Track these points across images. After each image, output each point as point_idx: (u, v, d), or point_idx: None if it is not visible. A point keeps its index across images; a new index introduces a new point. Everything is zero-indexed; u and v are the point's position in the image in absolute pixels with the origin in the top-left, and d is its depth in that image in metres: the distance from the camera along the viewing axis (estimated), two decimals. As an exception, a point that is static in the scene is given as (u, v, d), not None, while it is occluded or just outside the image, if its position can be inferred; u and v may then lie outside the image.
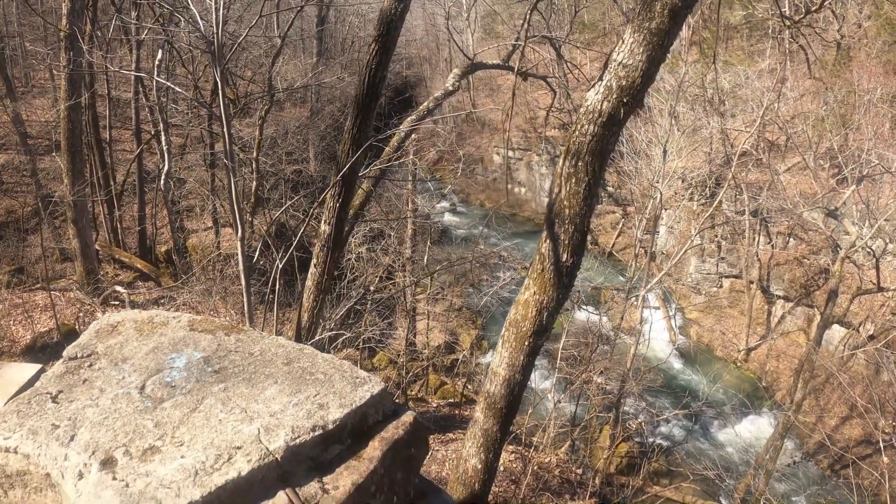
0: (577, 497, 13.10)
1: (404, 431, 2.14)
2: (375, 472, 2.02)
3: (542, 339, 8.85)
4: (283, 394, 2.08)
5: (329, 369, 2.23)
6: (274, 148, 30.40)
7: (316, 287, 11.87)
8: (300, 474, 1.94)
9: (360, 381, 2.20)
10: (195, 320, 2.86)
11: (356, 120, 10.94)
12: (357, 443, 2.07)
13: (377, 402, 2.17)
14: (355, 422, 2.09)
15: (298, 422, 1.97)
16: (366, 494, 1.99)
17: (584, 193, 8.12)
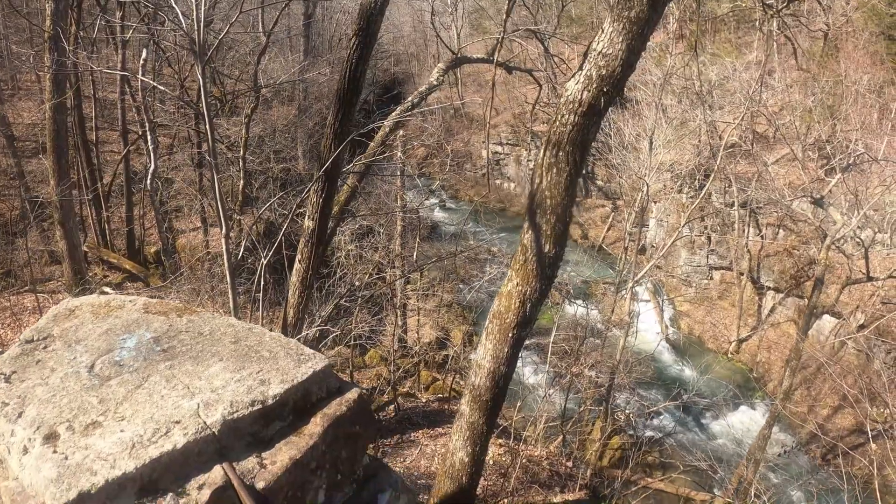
0: (567, 490, 13.08)
1: (348, 408, 2.10)
2: (316, 448, 1.98)
3: (525, 331, 8.82)
4: (227, 370, 2.05)
5: (275, 347, 2.19)
6: (262, 146, 30.29)
7: (301, 283, 11.83)
8: (239, 449, 1.91)
9: (304, 357, 2.16)
10: (150, 303, 2.82)
11: (338, 114, 10.90)
12: (299, 419, 2.03)
13: (321, 378, 2.13)
14: (297, 398, 2.05)
15: (238, 397, 1.94)
16: (305, 470, 1.95)
17: (565, 183, 8.10)
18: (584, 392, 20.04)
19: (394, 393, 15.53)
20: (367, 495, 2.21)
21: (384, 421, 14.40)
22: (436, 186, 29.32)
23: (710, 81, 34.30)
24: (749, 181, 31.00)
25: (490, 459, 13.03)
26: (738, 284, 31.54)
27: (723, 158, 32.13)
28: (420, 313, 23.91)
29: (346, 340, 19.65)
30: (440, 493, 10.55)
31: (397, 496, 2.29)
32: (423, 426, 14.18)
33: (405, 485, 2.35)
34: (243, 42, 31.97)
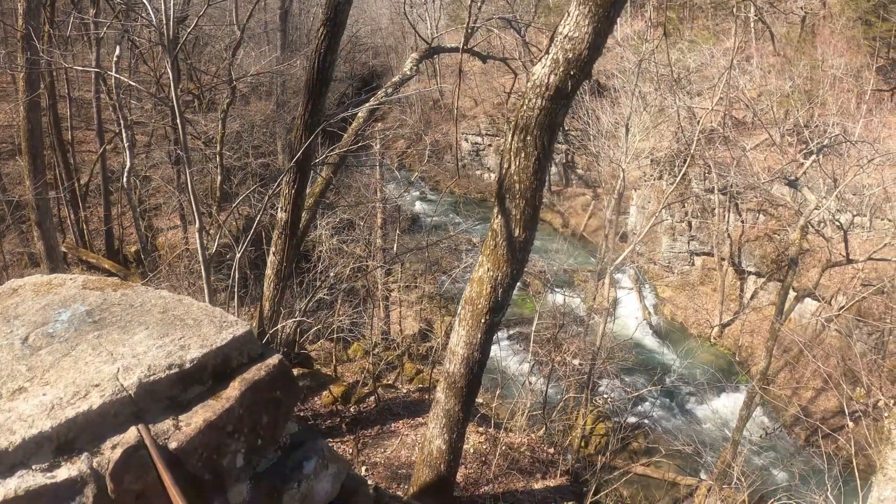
0: (548, 476, 13.08)
1: (266, 373, 2.08)
2: (232, 411, 1.96)
3: (498, 316, 8.81)
4: (151, 338, 2.04)
5: (200, 315, 2.17)
6: (240, 142, 30.17)
7: (276, 275, 11.80)
8: (156, 412, 1.90)
9: (226, 324, 2.14)
10: (89, 280, 2.82)
11: (307, 105, 10.86)
12: (219, 384, 2.02)
13: (241, 344, 2.11)
14: (217, 363, 2.03)
15: (156, 361, 1.93)
16: (221, 433, 1.93)
17: (533, 168, 8.08)
18: (566, 379, 20.08)
19: (374, 384, 15.48)
20: (291, 463, 2.19)
21: (364, 413, 14.36)
22: (415, 178, 29.30)
23: (687, 68, 34.42)
24: (728, 167, 31.12)
25: (471, 448, 13.02)
26: (720, 270, 31.68)
27: (702, 144, 32.27)
28: (402, 305, 23.91)
29: (328, 334, 19.62)
30: (419, 481, 10.55)
31: (325, 464, 2.26)
32: (404, 416, 14.15)
33: (335, 454, 2.33)
34: (220, 38, 31.83)
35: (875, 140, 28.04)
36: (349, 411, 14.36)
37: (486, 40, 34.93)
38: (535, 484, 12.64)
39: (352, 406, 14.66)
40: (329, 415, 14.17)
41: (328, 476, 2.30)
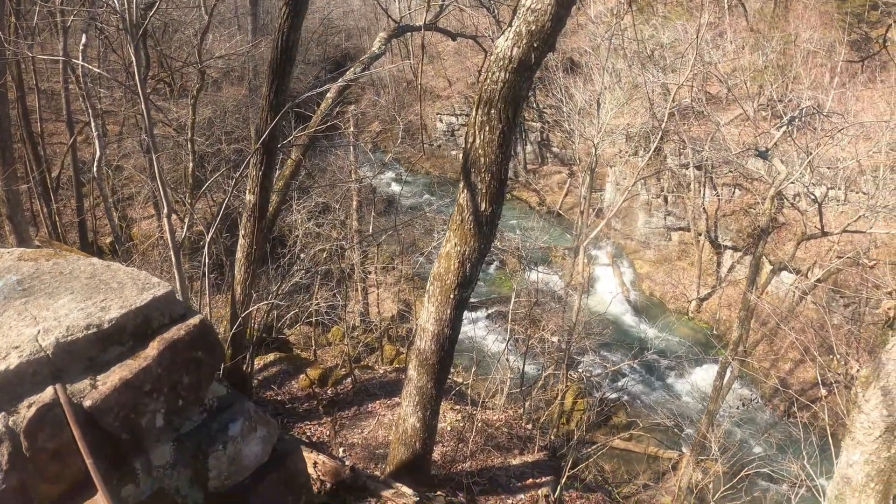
0: (526, 451, 13.12)
1: (187, 332, 2.04)
2: (149, 370, 1.92)
3: (467, 291, 8.79)
4: (74, 301, 2.00)
5: (125, 279, 2.14)
6: (212, 128, 29.92)
7: (246, 258, 11.71)
8: (75, 372, 1.86)
9: (148, 286, 2.10)
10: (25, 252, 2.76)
11: (272, 85, 10.75)
12: (139, 345, 1.98)
13: (162, 304, 2.07)
14: (137, 323, 1.99)
15: (75, 322, 1.89)
16: (138, 392, 1.90)
17: (498, 141, 8.04)
18: (545, 356, 20.15)
19: (350, 366, 15.47)
20: (217, 425, 2.16)
21: (341, 395, 14.35)
22: (388, 159, 29.15)
23: (661, 44, 34.45)
24: (703, 142, 31.22)
25: (447, 425, 13.04)
26: (696, 244, 31.83)
27: (676, 120, 32.35)
28: (380, 287, 23.87)
29: (306, 317, 19.57)
30: (395, 460, 10.55)
31: (252, 426, 2.23)
32: (381, 397, 14.15)
33: (262, 416, 2.29)
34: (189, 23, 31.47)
35: (847, 112, 28.21)
36: (326, 394, 14.35)
37: (458, 20, 34.78)
38: (512, 460, 12.67)
39: (329, 388, 14.65)
40: (306, 398, 14.16)
41: (257, 439, 2.27)
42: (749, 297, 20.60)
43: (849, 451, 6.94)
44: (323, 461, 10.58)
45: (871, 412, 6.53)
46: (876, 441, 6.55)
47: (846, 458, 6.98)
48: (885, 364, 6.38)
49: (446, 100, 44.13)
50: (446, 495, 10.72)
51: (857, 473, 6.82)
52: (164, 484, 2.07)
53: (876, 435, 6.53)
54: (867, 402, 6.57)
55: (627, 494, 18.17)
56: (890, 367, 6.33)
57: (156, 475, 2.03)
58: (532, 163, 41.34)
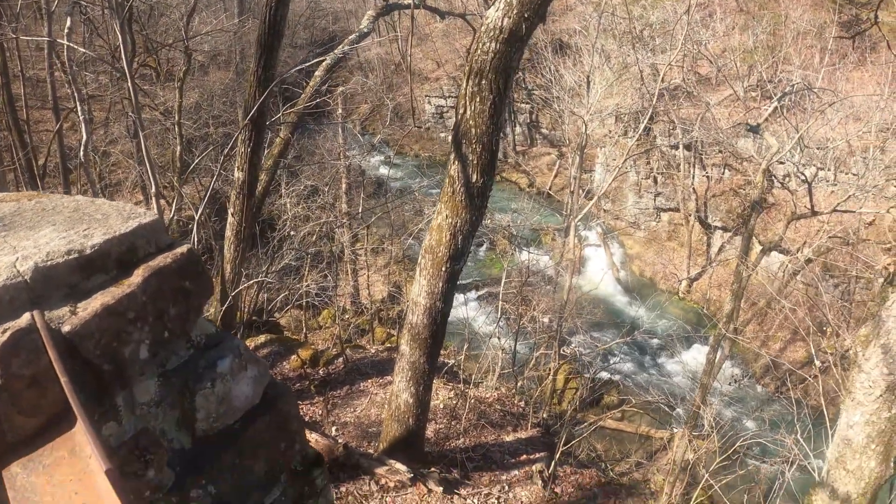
0: (519, 428, 13.10)
1: (174, 260, 1.95)
2: (134, 297, 1.83)
3: (459, 264, 8.72)
4: (56, 231, 1.91)
5: (111, 211, 2.05)
6: (200, 113, 29.72)
7: (235, 236, 11.61)
8: (55, 299, 1.77)
9: (134, 215, 2.01)
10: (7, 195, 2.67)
11: (260, 60, 10.63)
12: (124, 273, 1.89)
13: (149, 232, 1.98)
14: (122, 251, 1.90)
15: (56, 248, 1.79)
16: (121, 319, 1.81)
17: (489, 112, 7.97)
18: (536, 336, 20.12)
19: (342, 345, 15.41)
20: (205, 362, 2.07)
21: (333, 374, 14.29)
22: (377, 140, 29.02)
23: (650, 24, 34.35)
24: (693, 122, 31.17)
25: (440, 403, 13.00)
26: (686, 225, 31.83)
27: (666, 101, 32.29)
28: (370, 270, 23.76)
29: (296, 300, 19.49)
30: (388, 437, 10.51)
31: (242, 365, 2.14)
32: (373, 375, 14.10)
33: (254, 355, 2.21)
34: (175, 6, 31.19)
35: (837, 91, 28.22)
36: (318, 374, 14.29)
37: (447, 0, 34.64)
38: (506, 437, 12.65)
39: (320, 369, 14.59)
40: (298, 378, 14.09)
41: (247, 379, 2.18)
42: (741, 270, 20.62)
43: (849, 412, 6.90)
44: (316, 440, 10.53)
45: (872, 371, 6.47)
46: (877, 401, 6.50)
47: (846, 420, 6.93)
48: (885, 321, 6.32)
49: (435, 82, 43.93)
50: (440, 471, 10.68)
51: (858, 435, 6.78)
52: (148, 423, 1.98)
53: (876, 394, 6.48)
54: (867, 361, 6.51)
55: (621, 473, 18.21)
56: (890, 325, 6.26)
57: (139, 413, 1.94)
58: (521, 144, 41.24)
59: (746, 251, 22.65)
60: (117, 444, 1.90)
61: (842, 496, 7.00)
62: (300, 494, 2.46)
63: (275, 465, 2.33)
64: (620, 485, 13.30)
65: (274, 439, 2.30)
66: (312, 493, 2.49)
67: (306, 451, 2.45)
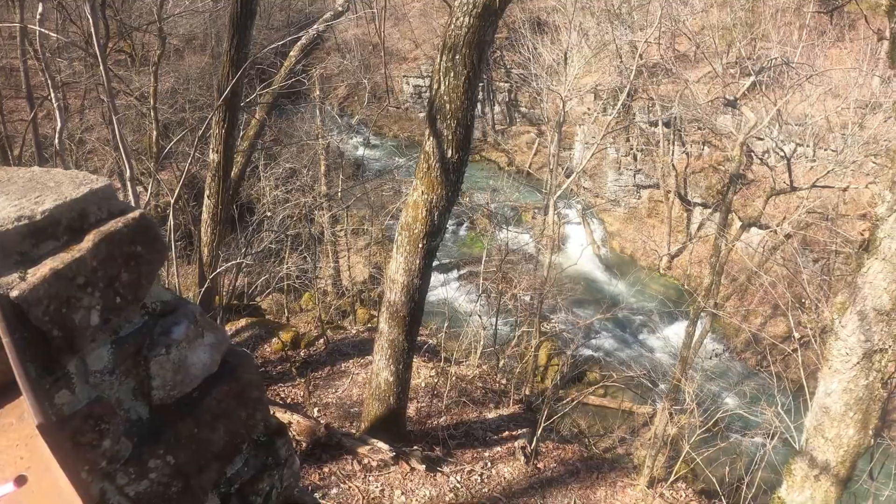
0: (501, 405, 13.15)
1: (124, 225, 1.91)
2: (83, 262, 1.80)
3: (436, 240, 8.70)
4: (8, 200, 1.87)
5: (64, 179, 2.00)
6: (176, 97, 29.47)
7: (212, 219, 11.53)
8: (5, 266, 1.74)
9: (86, 182, 1.97)
10: (-38, 169, 2.62)
11: (233, 40, 10.52)
12: (75, 239, 1.85)
13: (100, 198, 1.94)
14: (73, 217, 1.86)
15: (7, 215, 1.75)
16: (71, 285, 1.77)
17: (463, 87, 7.93)
18: (517, 313, 20.18)
19: (323, 327, 15.37)
20: (160, 329, 2.03)
21: (314, 356, 14.27)
22: (355, 121, 28.90)
23: (629, 1, 34.30)
24: (672, 100, 31.22)
25: (422, 382, 13.02)
26: (666, 202, 31.92)
27: (645, 78, 32.30)
28: (351, 252, 23.71)
29: (277, 283, 19.43)
30: (370, 416, 10.51)
31: (199, 331, 2.11)
32: (354, 356, 14.09)
33: (210, 322, 2.17)
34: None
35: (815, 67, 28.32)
36: (299, 356, 14.26)
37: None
38: (488, 414, 12.69)
39: (301, 350, 14.56)
40: (279, 361, 14.07)
41: (204, 346, 2.15)
42: (720, 244, 20.73)
43: (826, 380, 6.92)
44: (298, 421, 10.53)
45: (849, 338, 6.48)
46: (854, 368, 6.51)
47: (824, 388, 6.96)
48: (861, 288, 6.32)
49: (413, 62, 43.73)
50: (423, 449, 10.71)
51: (836, 403, 6.79)
52: (103, 392, 1.94)
53: (853, 362, 6.49)
54: (844, 329, 6.52)
55: (604, 448, 18.32)
56: (866, 291, 6.27)
57: (93, 381, 1.91)
58: (500, 123, 41.20)
59: (724, 225, 22.77)
60: (71, 413, 1.86)
61: (821, 464, 7.04)
62: (263, 465, 2.43)
63: (236, 434, 2.30)
64: (603, 459, 13.36)
65: (234, 408, 2.26)
66: (276, 463, 2.47)
67: (269, 420, 2.42)
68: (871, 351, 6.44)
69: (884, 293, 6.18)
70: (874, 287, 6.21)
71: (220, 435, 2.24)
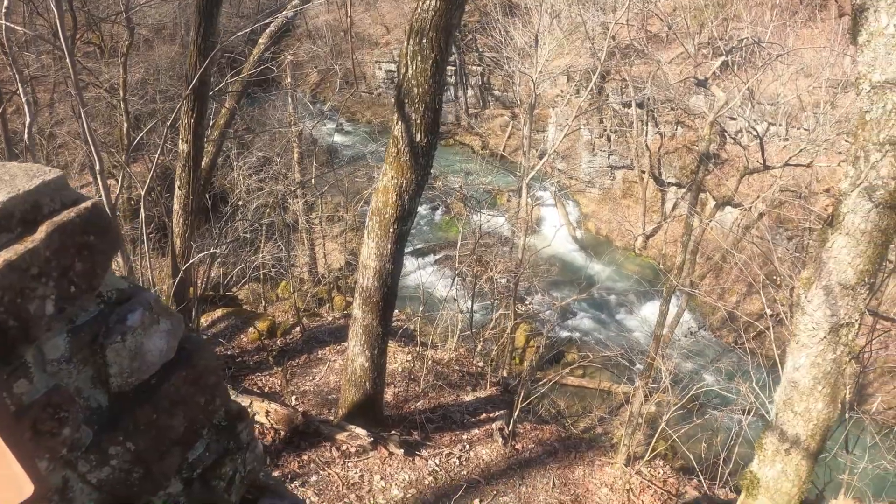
0: (478, 388, 13.23)
1: (77, 215, 1.93)
2: (36, 252, 1.82)
3: (407, 225, 8.73)
4: (-38, 195, 1.86)
5: (18, 172, 2.01)
6: (146, 88, 29.20)
7: (183, 209, 11.48)
8: (-41, 261, 1.74)
9: (39, 173, 1.98)
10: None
11: (199, 28, 10.46)
12: (28, 231, 1.86)
13: (53, 189, 1.95)
14: (26, 209, 1.88)
15: (-42, 211, 1.76)
16: (24, 276, 1.79)
17: (431, 70, 7.94)
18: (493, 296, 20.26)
19: (299, 315, 15.38)
20: (116, 317, 2.06)
21: (291, 344, 14.28)
22: (327, 108, 28.74)
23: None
24: (645, 81, 31.34)
25: (398, 366, 13.07)
26: (641, 182, 32.09)
27: (618, 59, 32.39)
28: (326, 239, 23.67)
29: (252, 272, 19.40)
30: (347, 402, 10.55)
31: (154, 318, 2.13)
32: (330, 343, 14.11)
33: (166, 308, 2.19)
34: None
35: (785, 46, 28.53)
36: (276, 345, 14.27)
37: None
38: (465, 397, 12.77)
39: (278, 339, 14.56)
40: (256, 350, 14.07)
41: (160, 332, 2.17)
42: (691, 222, 20.92)
43: (794, 354, 6.99)
44: (275, 410, 10.54)
45: (815, 312, 6.56)
46: (821, 342, 6.59)
47: (792, 363, 7.03)
48: (825, 263, 6.40)
49: (385, 47, 43.56)
50: (401, 434, 10.77)
51: (804, 377, 6.87)
52: (61, 381, 1.96)
53: (820, 336, 6.57)
54: (810, 303, 6.60)
55: (583, 429, 18.48)
56: (831, 266, 6.34)
57: (51, 370, 1.93)
58: (474, 107, 41.21)
59: (695, 204, 22.94)
60: (30, 402, 1.89)
61: (791, 438, 7.13)
62: (225, 449, 2.46)
63: (195, 420, 2.33)
64: (581, 439, 13.48)
65: (192, 394, 2.29)
66: (238, 447, 2.50)
67: (229, 406, 2.45)
68: (838, 325, 6.52)
69: (848, 268, 6.26)
70: (839, 262, 6.30)
71: (180, 420, 2.26)
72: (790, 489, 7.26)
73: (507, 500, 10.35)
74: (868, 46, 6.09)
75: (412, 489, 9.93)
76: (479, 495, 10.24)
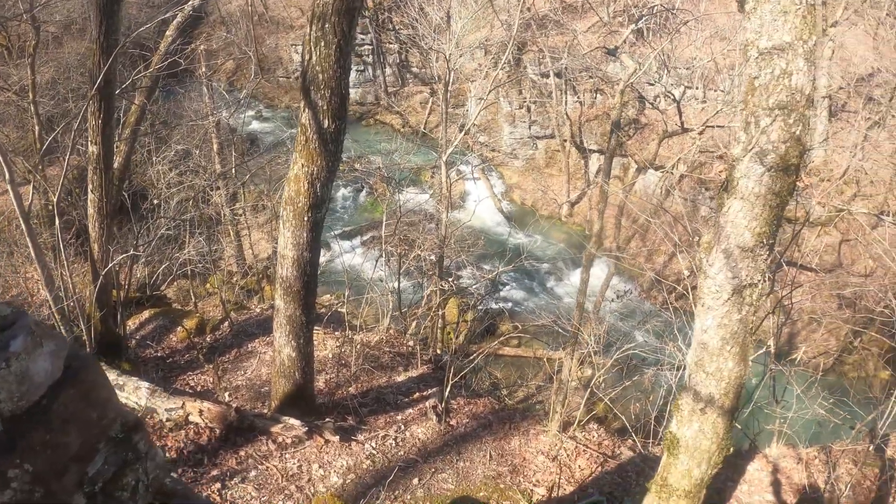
0: (410, 368, 13.35)
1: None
2: None
3: (321, 212, 8.75)
4: None
5: None
6: (57, 88, 28.36)
7: (98, 213, 11.25)
8: None
9: None
10: None
11: (101, 26, 10.20)
12: None
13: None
14: None
15: None
16: None
17: (335, 56, 7.95)
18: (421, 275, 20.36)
19: (225, 310, 15.27)
20: (-1, 344, 2.10)
21: (220, 340, 14.19)
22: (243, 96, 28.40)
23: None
24: (562, 51, 31.63)
25: (328, 353, 13.10)
26: (563, 151, 32.46)
27: (534, 30, 32.60)
28: (252, 229, 23.44)
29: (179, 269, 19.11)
30: (278, 394, 10.56)
31: (37, 341, 2.17)
32: (259, 335, 14.06)
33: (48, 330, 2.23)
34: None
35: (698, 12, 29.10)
36: (205, 342, 14.16)
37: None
38: (397, 377, 12.88)
39: (207, 336, 14.46)
40: (186, 349, 13.94)
41: (44, 354, 2.21)
42: (604, 189, 21.36)
43: (701, 317, 7.20)
44: (208, 408, 10.49)
45: (717, 275, 6.78)
46: (725, 304, 6.81)
47: (700, 325, 7.23)
48: (723, 227, 6.60)
49: (300, 30, 42.99)
50: (335, 421, 10.83)
51: (713, 338, 7.09)
52: (-48, 414, 2.00)
53: (724, 298, 6.79)
54: (711, 267, 6.81)
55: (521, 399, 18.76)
56: (729, 230, 6.54)
57: (-57, 402, 1.97)
58: (392, 85, 41.04)
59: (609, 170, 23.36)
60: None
61: (705, 398, 7.35)
62: (124, 461, 2.51)
63: (90, 435, 2.37)
64: (515, 409, 13.73)
65: (83, 410, 2.34)
66: (136, 457, 2.55)
67: (125, 417, 2.49)
68: (741, 286, 6.72)
69: (745, 231, 6.48)
70: (736, 225, 6.52)
71: (74, 437, 2.31)
72: (709, 446, 7.53)
73: (446, 476, 10.52)
74: (755, 13, 6.31)
75: (351, 474, 10.03)
76: (418, 474, 10.39)
